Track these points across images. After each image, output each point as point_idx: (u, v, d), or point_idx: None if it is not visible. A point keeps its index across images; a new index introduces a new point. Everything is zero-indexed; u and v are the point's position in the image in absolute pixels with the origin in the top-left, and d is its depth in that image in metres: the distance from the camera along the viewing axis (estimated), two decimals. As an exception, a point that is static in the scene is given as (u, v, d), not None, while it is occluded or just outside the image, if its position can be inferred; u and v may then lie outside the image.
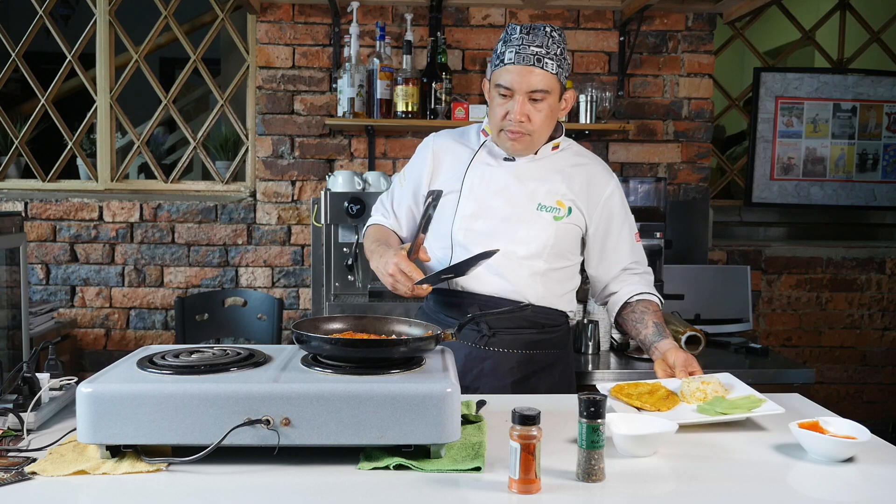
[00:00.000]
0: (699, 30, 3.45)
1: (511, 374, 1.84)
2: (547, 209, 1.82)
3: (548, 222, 1.82)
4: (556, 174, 1.85)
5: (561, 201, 1.83)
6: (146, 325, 3.42)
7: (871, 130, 3.63)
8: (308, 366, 1.34)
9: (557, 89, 1.77)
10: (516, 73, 1.73)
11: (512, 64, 1.73)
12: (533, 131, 1.78)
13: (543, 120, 1.77)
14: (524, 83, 1.73)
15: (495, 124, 1.81)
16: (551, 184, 1.84)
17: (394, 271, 1.66)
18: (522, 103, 1.74)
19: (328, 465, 1.23)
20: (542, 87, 1.74)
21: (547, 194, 1.83)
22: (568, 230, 1.85)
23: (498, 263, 1.79)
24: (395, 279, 1.67)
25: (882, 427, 3.42)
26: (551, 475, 1.22)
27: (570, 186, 1.85)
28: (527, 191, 1.83)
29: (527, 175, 1.84)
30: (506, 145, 1.82)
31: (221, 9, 3.43)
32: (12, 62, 3.46)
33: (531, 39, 1.73)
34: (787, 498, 1.20)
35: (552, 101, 1.77)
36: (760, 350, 2.74)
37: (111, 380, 1.26)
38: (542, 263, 1.83)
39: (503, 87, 1.75)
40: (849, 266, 3.59)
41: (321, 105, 3.38)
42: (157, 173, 3.49)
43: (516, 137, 1.78)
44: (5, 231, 2.23)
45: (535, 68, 1.72)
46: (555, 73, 1.75)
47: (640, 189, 2.87)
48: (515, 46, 1.74)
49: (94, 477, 1.19)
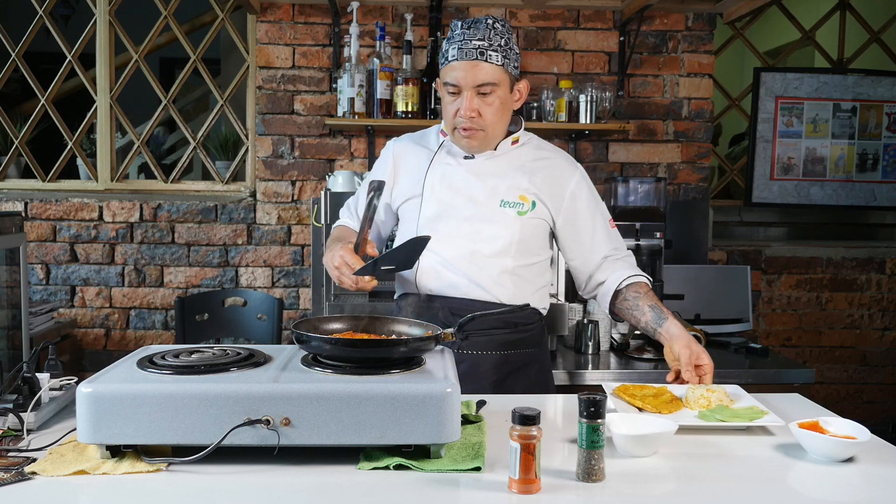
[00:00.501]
0: (699, 30, 3.45)
1: (488, 376, 1.82)
2: (510, 205, 1.80)
3: (512, 218, 1.79)
4: (517, 169, 1.82)
5: (524, 196, 1.80)
6: (146, 325, 3.42)
7: (871, 130, 3.63)
8: (308, 366, 1.34)
9: (506, 81, 1.75)
10: (461, 69, 1.72)
11: (456, 60, 1.72)
12: (486, 126, 1.75)
13: (495, 114, 1.75)
14: (469, 78, 1.71)
15: (448, 123, 1.79)
16: (512, 179, 1.81)
17: (339, 263, 1.65)
18: (470, 98, 1.72)
19: (328, 465, 1.23)
20: (488, 79, 1.71)
21: (509, 190, 1.80)
22: (534, 225, 1.82)
23: (465, 264, 1.78)
24: (340, 272, 1.66)
25: (882, 427, 3.42)
26: (551, 475, 1.22)
27: (533, 181, 1.82)
28: (488, 188, 1.81)
29: (487, 172, 1.82)
30: (461, 143, 1.80)
31: (221, 9, 3.43)
32: (12, 62, 3.46)
33: (472, 33, 1.71)
34: (787, 498, 1.20)
35: (502, 94, 1.75)
36: (760, 350, 2.74)
37: (111, 380, 1.26)
38: (509, 261, 1.81)
39: (450, 85, 1.74)
40: (849, 266, 3.59)
41: (321, 105, 3.38)
42: (157, 173, 3.49)
43: (470, 134, 1.76)
44: (5, 231, 2.23)
45: (480, 62, 1.70)
46: (501, 65, 1.72)
47: (640, 189, 2.87)
48: (458, 42, 1.72)
49: (94, 477, 1.19)
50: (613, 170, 3.45)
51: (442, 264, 1.81)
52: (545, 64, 3.41)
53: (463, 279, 1.80)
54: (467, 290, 1.80)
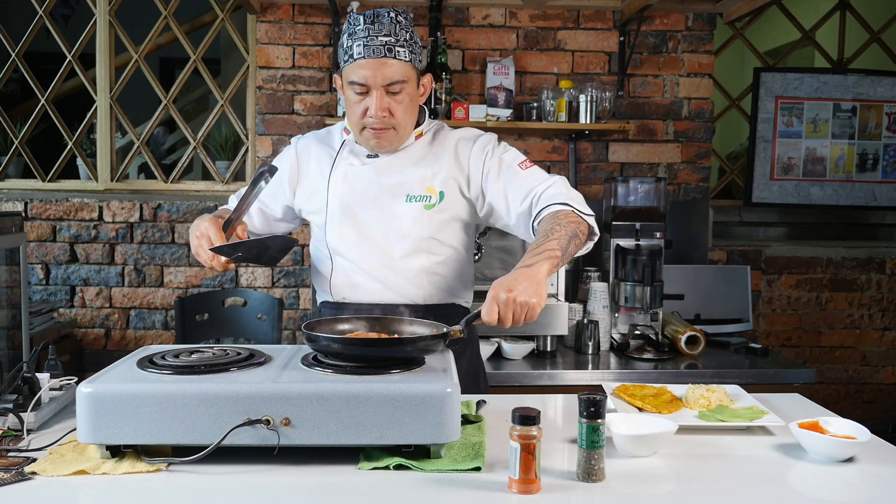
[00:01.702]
0: (699, 30, 3.45)
1: None
2: (416, 199, 1.72)
3: (419, 213, 1.72)
4: (420, 161, 1.75)
5: (431, 187, 1.73)
6: (146, 325, 3.42)
7: (871, 130, 3.63)
8: (308, 366, 1.34)
9: (414, 77, 1.69)
10: (369, 68, 1.63)
11: (363, 58, 1.63)
12: (397, 124, 1.69)
13: (405, 111, 1.69)
14: (379, 76, 1.63)
15: (355, 123, 1.70)
16: (416, 172, 1.73)
17: (200, 234, 1.60)
18: (381, 98, 1.65)
19: (328, 465, 1.23)
20: (398, 77, 1.65)
21: (414, 184, 1.73)
22: (444, 218, 1.74)
23: (377, 268, 1.74)
24: (199, 243, 1.60)
25: (882, 427, 3.42)
26: (551, 475, 1.22)
27: (437, 169, 1.74)
28: (392, 185, 1.73)
29: (391, 169, 1.75)
30: (370, 143, 1.72)
31: (221, 9, 3.43)
32: (12, 62, 3.46)
33: (378, 29, 1.63)
34: (787, 498, 1.20)
35: (411, 90, 1.68)
36: (760, 350, 2.75)
37: (111, 380, 1.26)
38: (423, 259, 1.74)
39: (357, 84, 1.65)
40: (849, 266, 3.59)
41: (321, 105, 3.38)
42: (157, 173, 3.49)
43: (381, 134, 1.69)
44: (5, 231, 2.23)
45: (388, 59, 1.63)
46: (409, 61, 1.66)
47: (640, 189, 2.87)
48: (362, 39, 1.63)
49: (94, 477, 1.19)
50: (613, 170, 3.45)
51: (354, 270, 1.76)
52: (545, 64, 3.41)
53: (376, 284, 1.75)
54: (382, 294, 1.75)
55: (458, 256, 1.81)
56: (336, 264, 1.78)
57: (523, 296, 1.37)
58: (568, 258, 1.53)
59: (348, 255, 1.76)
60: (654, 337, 2.65)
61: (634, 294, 2.71)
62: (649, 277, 2.67)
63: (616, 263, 2.79)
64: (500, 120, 3.13)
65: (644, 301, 2.69)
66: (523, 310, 1.38)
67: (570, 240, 1.53)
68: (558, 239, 1.50)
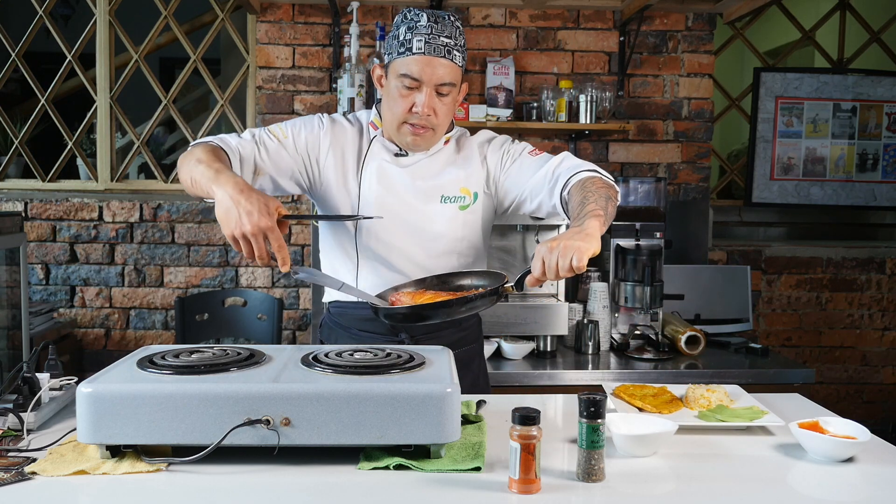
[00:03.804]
0: (699, 30, 3.45)
1: None
2: (451, 200, 1.73)
3: (454, 213, 1.73)
4: (451, 164, 1.76)
5: (465, 188, 1.74)
6: (146, 325, 3.42)
7: (871, 130, 3.63)
8: (308, 366, 1.34)
9: (459, 83, 1.69)
10: (426, 64, 1.61)
11: (421, 54, 1.61)
12: (437, 125, 1.68)
13: (447, 114, 1.68)
14: (434, 75, 1.62)
15: (397, 117, 1.67)
16: (450, 174, 1.74)
17: (255, 231, 1.41)
18: (430, 96, 1.63)
19: (328, 465, 1.23)
20: (449, 79, 1.64)
21: (448, 185, 1.73)
22: (475, 217, 1.76)
23: (410, 268, 1.72)
24: (256, 239, 1.42)
25: (882, 427, 3.42)
26: (551, 475, 1.22)
27: (469, 171, 1.75)
28: (427, 186, 1.73)
29: (425, 171, 1.74)
30: (406, 139, 1.69)
31: (221, 9, 3.43)
32: (12, 62, 3.46)
33: (440, 29, 1.62)
34: (787, 498, 1.20)
35: (455, 95, 1.69)
36: (760, 350, 2.75)
37: (111, 380, 1.26)
38: (454, 260, 1.75)
39: (410, 78, 1.62)
40: (849, 266, 3.59)
41: (321, 105, 3.37)
42: (157, 173, 3.49)
43: (421, 132, 1.67)
44: (5, 231, 2.23)
45: (445, 60, 1.62)
46: (461, 66, 1.67)
47: (640, 189, 2.87)
48: (424, 35, 1.61)
49: (94, 477, 1.19)
50: (613, 170, 3.45)
51: (384, 269, 1.75)
52: (545, 64, 3.41)
53: None
54: None
55: (480, 257, 1.84)
56: (363, 263, 1.76)
57: (569, 240, 1.34)
58: (609, 220, 1.51)
59: (379, 254, 1.74)
60: (654, 337, 2.66)
61: (634, 294, 2.71)
62: (649, 277, 2.67)
63: (616, 263, 2.79)
64: (500, 120, 3.13)
65: (644, 301, 2.69)
66: (568, 252, 1.32)
67: (608, 201, 1.53)
68: (595, 201, 1.50)
